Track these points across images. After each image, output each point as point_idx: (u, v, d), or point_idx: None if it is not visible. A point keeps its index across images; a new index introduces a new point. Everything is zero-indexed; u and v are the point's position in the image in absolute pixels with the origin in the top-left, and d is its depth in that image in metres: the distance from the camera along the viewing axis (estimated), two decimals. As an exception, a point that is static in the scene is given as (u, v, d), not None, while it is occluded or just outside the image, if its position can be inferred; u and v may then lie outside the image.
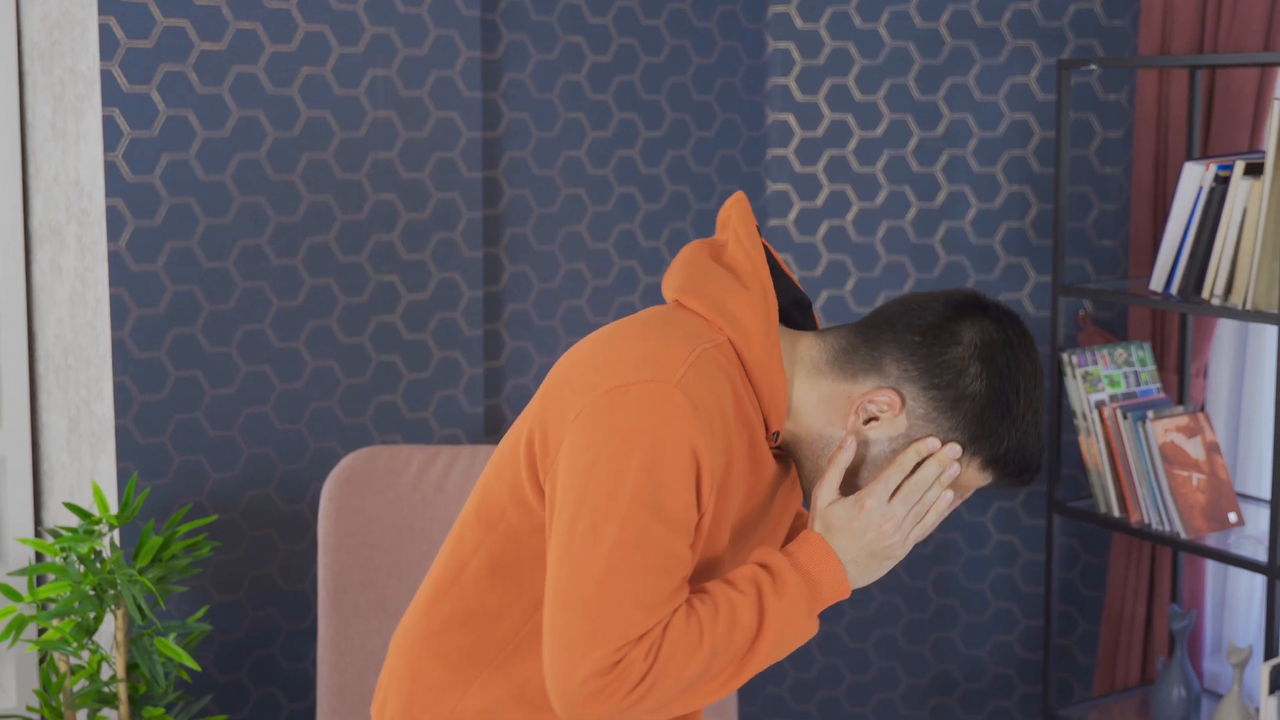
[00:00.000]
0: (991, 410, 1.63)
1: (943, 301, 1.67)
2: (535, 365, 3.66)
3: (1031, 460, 1.67)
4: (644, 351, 1.64)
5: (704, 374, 1.62)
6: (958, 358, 1.63)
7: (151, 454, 3.11)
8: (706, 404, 1.60)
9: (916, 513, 1.65)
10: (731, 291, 1.70)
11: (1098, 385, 3.07)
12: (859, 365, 1.67)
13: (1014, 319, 1.68)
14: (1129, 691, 3.36)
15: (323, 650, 2.79)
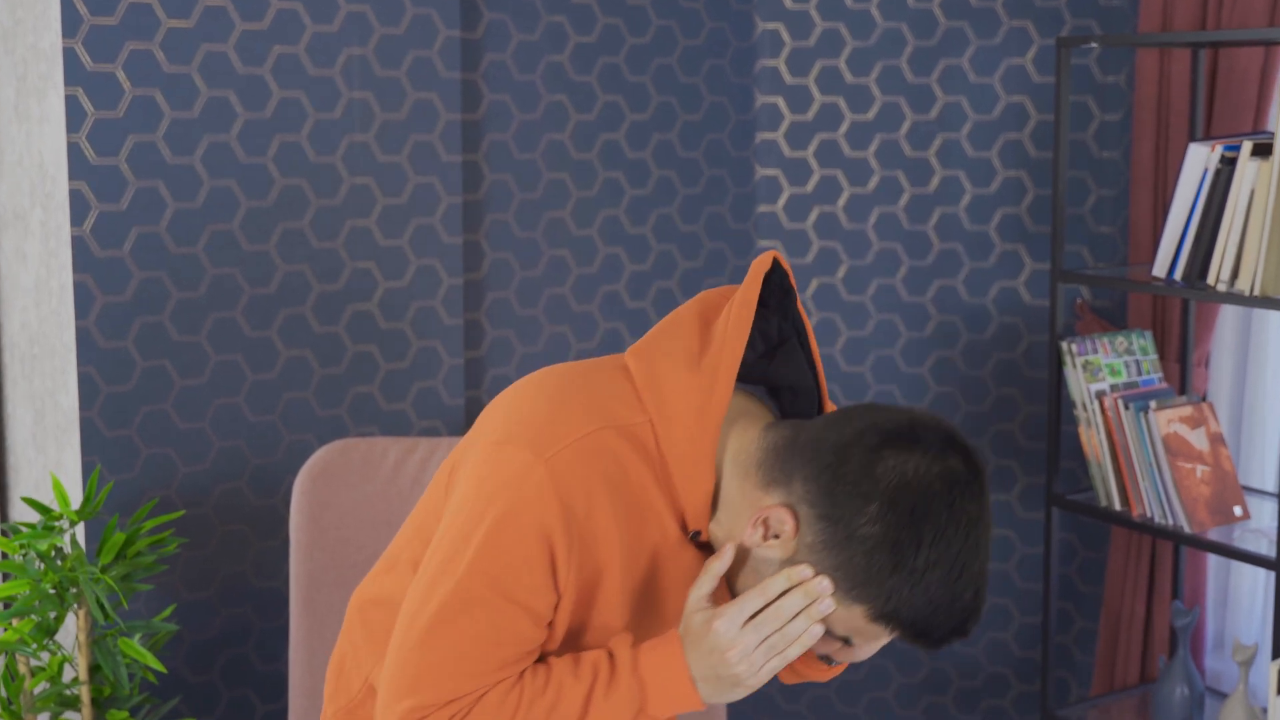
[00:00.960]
0: (881, 558, 1.45)
1: (886, 422, 1.49)
2: (517, 355, 3.55)
3: (930, 626, 1.47)
4: (542, 414, 1.55)
5: (585, 458, 1.52)
6: (861, 492, 1.46)
7: (118, 447, 3.00)
8: (572, 491, 1.51)
9: (772, 644, 1.50)
10: (678, 370, 1.56)
11: (1098, 375, 2.97)
12: (776, 474, 1.53)
13: (960, 465, 1.46)
14: (1129, 691, 3.26)
15: (295, 650, 2.69)
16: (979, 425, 3.79)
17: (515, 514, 1.51)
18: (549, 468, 1.51)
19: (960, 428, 1.54)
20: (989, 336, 3.75)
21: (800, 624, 1.49)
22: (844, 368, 3.84)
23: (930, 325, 3.79)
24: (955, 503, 1.45)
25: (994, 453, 3.79)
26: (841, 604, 1.49)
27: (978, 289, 3.75)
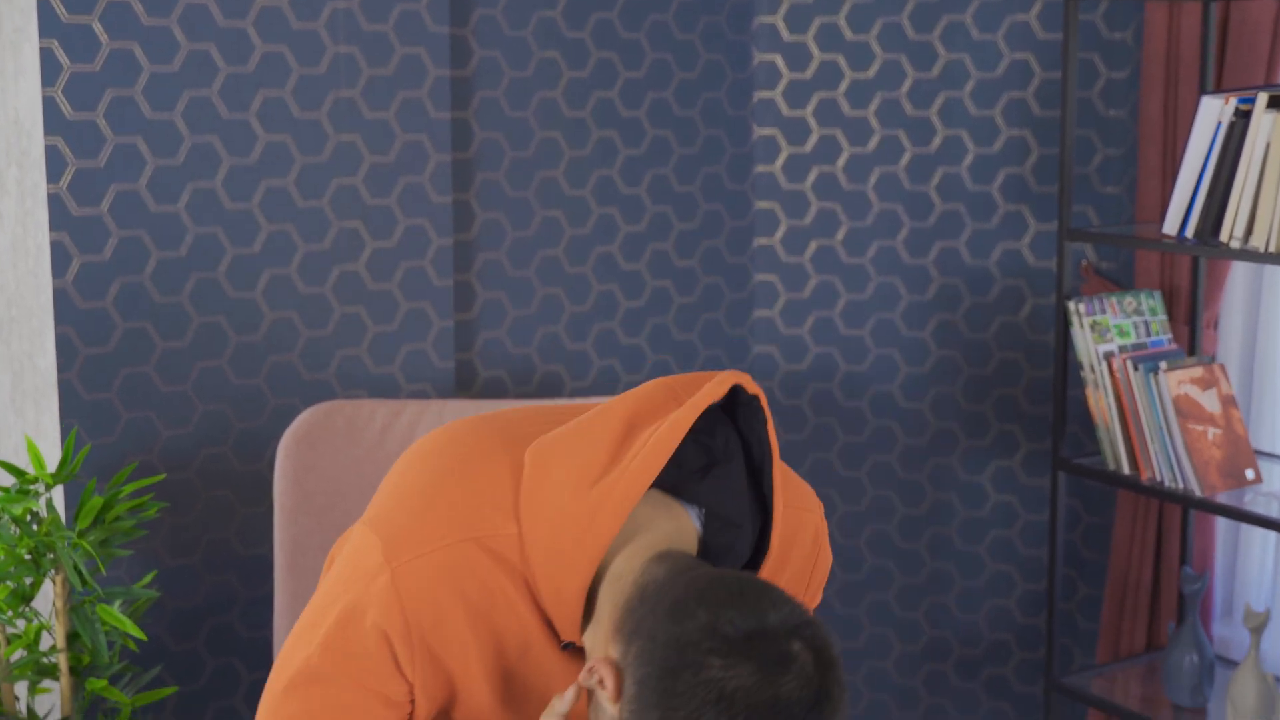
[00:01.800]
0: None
1: (730, 626, 1.32)
2: (509, 318, 3.47)
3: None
4: (410, 508, 1.48)
5: (438, 571, 1.45)
6: (677, 693, 1.32)
7: (97, 410, 2.92)
8: (418, 603, 1.45)
9: None
10: (567, 491, 1.44)
11: (1106, 335, 2.89)
12: (626, 626, 1.40)
13: (796, 689, 1.31)
14: (1134, 659, 3.19)
15: (279, 618, 2.61)
16: (981, 390, 3.71)
17: (359, 611, 1.48)
18: (395, 577, 1.46)
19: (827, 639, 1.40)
20: (992, 299, 3.67)
21: None
22: (843, 331, 3.76)
23: (932, 288, 3.71)
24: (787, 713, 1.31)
25: (997, 418, 3.71)
26: None
27: (980, 251, 3.66)
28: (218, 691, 3.11)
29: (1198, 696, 2.90)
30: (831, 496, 3.82)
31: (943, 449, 3.75)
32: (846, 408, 3.79)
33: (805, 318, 3.78)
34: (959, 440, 3.74)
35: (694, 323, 3.72)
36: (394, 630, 1.47)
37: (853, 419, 3.79)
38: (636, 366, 3.64)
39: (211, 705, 3.11)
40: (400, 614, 1.46)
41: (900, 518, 3.80)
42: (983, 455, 3.74)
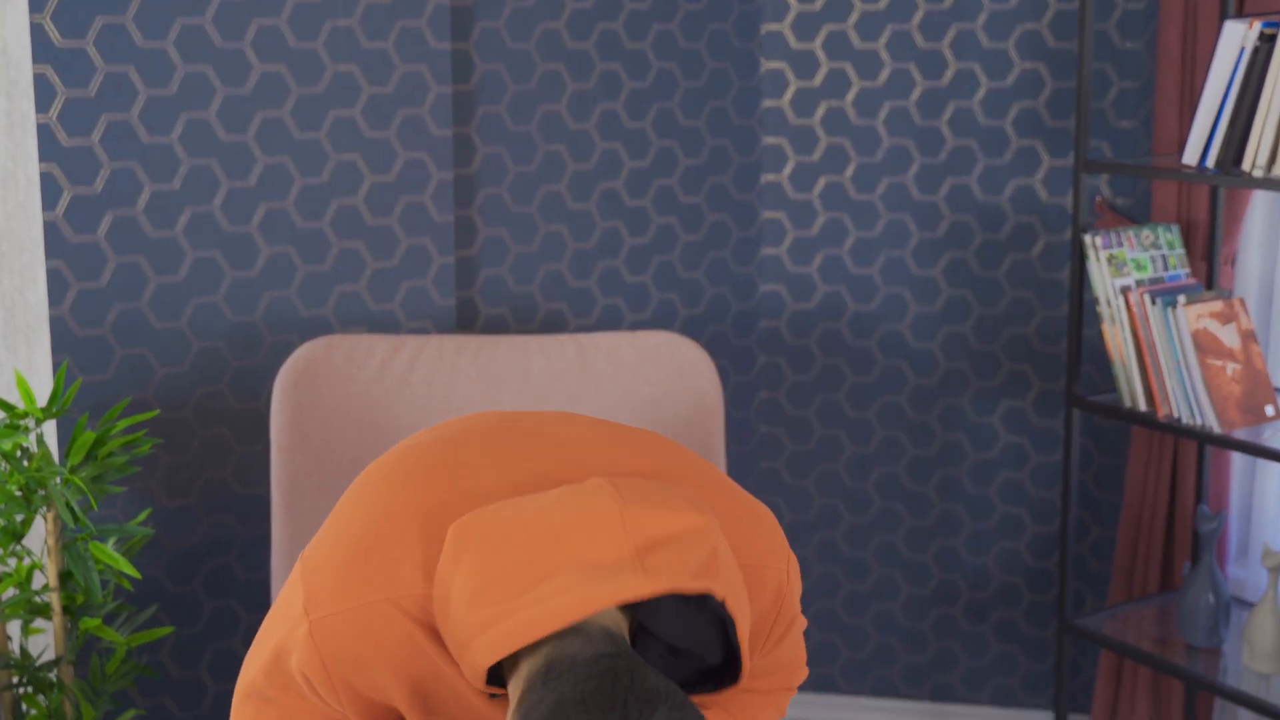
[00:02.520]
0: None
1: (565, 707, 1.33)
2: (510, 255, 3.39)
3: None
4: (338, 558, 1.51)
5: (355, 628, 1.48)
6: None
7: (90, 347, 2.85)
8: (338, 655, 1.49)
9: None
10: (466, 597, 1.42)
11: (1123, 269, 2.82)
12: (521, 699, 1.38)
13: None
14: (1147, 599, 3.13)
15: (277, 557, 2.55)
16: (992, 329, 3.64)
17: (285, 652, 1.53)
18: (312, 629, 1.50)
19: None
20: (1004, 236, 3.59)
21: None
22: (852, 269, 3.68)
23: (943, 225, 3.63)
24: None
25: (1008, 357, 3.64)
26: None
27: (993, 187, 3.58)
28: (216, 634, 3.06)
29: (1213, 637, 2.85)
30: (840, 438, 3.76)
31: (953, 389, 3.69)
32: (855, 347, 3.72)
33: (813, 256, 3.70)
34: (969, 380, 3.68)
35: (700, 261, 3.64)
36: (315, 675, 1.51)
37: (861, 359, 3.72)
38: (641, 305, 3.57)
39: (210, 647, 3.06)
40: (319, 662, 1.50)
41: (909, 459, 3.74)
42: (993, 396, 3.67)
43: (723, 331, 3.70)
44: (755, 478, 3.80)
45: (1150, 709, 3.37)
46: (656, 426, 2.63)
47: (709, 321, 3.68)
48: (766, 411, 3.79)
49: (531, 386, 2.64)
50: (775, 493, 3.81)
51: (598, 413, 2.64)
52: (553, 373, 2.66)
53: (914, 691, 3.83)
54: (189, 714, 3.05)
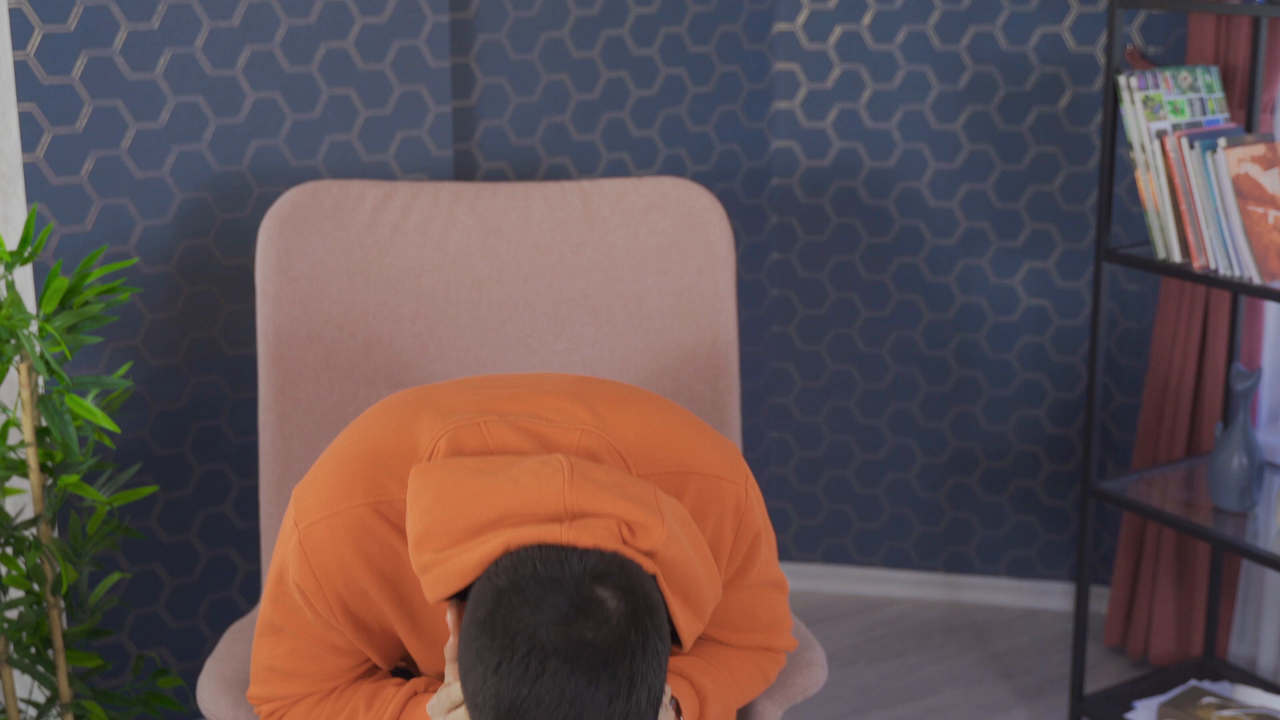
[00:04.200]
0: (473, 687, 1.44)
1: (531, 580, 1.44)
2: (511, 105, 3.23)
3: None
4: (326, 473, 1.64)
5: (337, 533, 1.60)
6: (471, 619, 1.45)
7: (67, 196, 2.71)
8: (324, 562, 1.61)
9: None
10: (413, 538, 1.54)
11: (1159, 112, 2.66)
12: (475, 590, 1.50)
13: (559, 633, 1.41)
14: (1173, 464, 3.01)
15: (264, 413, 2.43)
16: (1015, 186, 3.48)
17: (284, 569, 1.65)
18: (302, 540, 1.61)
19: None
20: (1029, 88, 3.42)
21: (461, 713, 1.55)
22: (869, 124, 3.52)
23: (964, 77, 3.46)
24: (550, 667, 1.41)
25: (1031, 216, 3.49)
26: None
27: (1017, 35, 3.40)
28: (206, 498, 2.95)
29: (1245, 500, 2.72)
30: (854, 301, 3.62)
31: (973, 250, 3.54)
32: (871, 207, 3.56)
33: (828, 110, 3.54)
34: (990, 241, 3.53)
35: (709, 114, 3.48)
36: (308, 588, 1.62)
37: (878, 219, 3.57)
38: (648, 160, 3.41)
39: (200, 512, 2.95)
40: (311, 573, 1.62)
41: (926, 323, 3.60)
42: (1015, 256, 3.52)
43: (732, 190, 3.55)
44: (765, 342, 3.66)
45: (1174, 579, 3.26)
46: (664, 278, 2.50)
47: (718, 179, 3.52)
48: (777, 273, 3.65)
49: (532, 236, 2.50)
50: (786, 360, 3.68)
51: (602, 263, 2.50)
52: (554, 221, 2.51)
53: (928, 563, 3.73)
54: (180, 579, 2.95)
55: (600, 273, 2.51)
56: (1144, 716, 2.93)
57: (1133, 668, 3.39)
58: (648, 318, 2.50)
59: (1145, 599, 3.31)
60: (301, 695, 1.74)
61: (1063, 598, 3.67)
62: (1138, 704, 2.98)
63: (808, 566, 3.79)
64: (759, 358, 3.67)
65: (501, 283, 2.50)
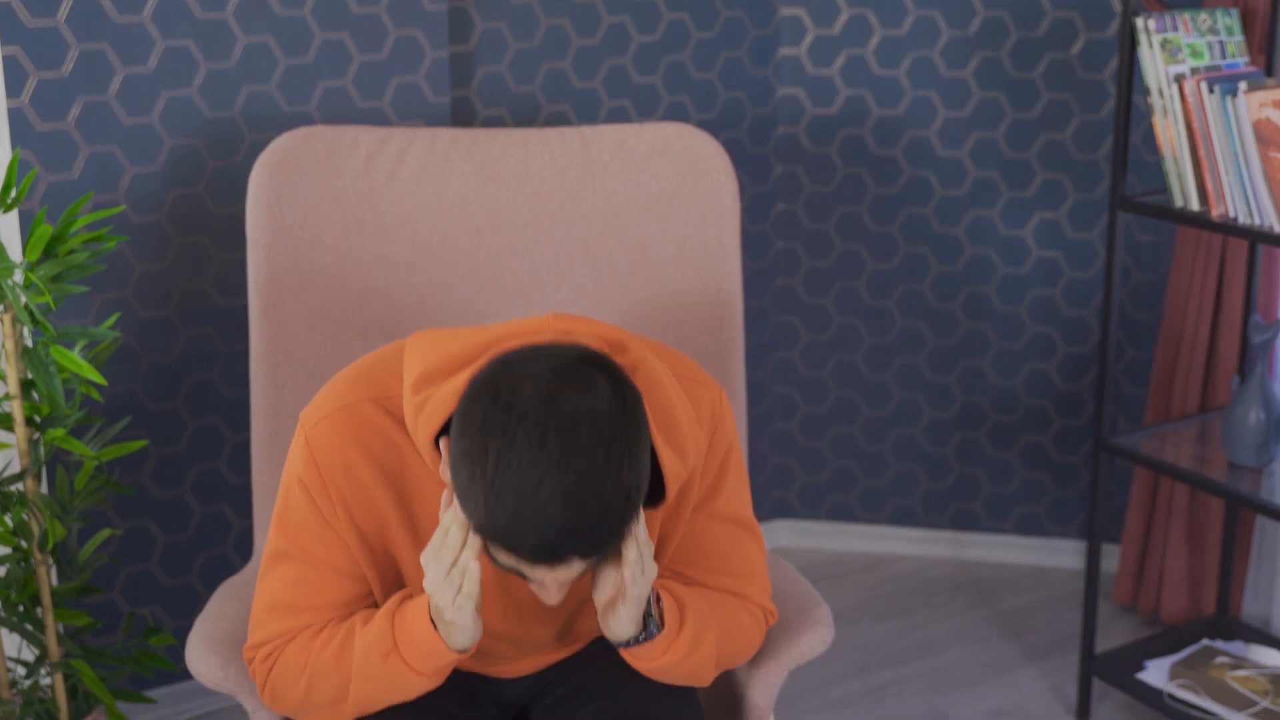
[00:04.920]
0: (464, 471, 1.47)
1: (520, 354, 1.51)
2: (510, 51, 3.15)
3: (515, 537, 1.45)
4: (327, 387, 1.71)
5: (339, 427, 1.66)
6: (460, 411, 1.50)
7: (53, 142, 2.63)
8: (328, 455, 1.66)
9: (452, 578, 1.56)
10: (411, 379, 1.63)
11: (1177, 56, 2.58)
12: None
13: (555, 385, 1.46)
14: (1186, 420, 2.95)
15: (256, 366, 2.36)
16: (1026, 135, 3.40)
17: (290, 474, 1.70)
18: (307, 436, 1.67)
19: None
20: (1041, 34, 3.34)
21: (466, 556, 1.55)
22: (877, 71, 3.43)
23: (975, 22, 3.37)
24: (530, 410, 1.44)
25: (1042, 165, 3.41)
26: (473, 530, 1.53)
27: (1029, -21, 3.32)
28: (199, 453, 2.89)
29: (1262, 455, 2.66)
30: (860, 253, 3.55)
31: (983, 200, 3.46)
32: (878, 156, 3.48)
33: (835, 56, 3.45)
34: (1000, 191, 3.45)
35: (713, 61, 3.39)
36: (312, 482, 1.67)
37: (885, 168, 3.49)
38: (650, 108, 3.33)
39: (193, 467, 2.89)
40: (315, 467, 1.66)
41: (934, 275, 3.53)
42: (1026, 207, 3.45)
43: (737, 138, 3.47)
44: (770, 295, 3.59)
45: (1186, 536, 3.20)
46: (667, 226, 2.43)
47: (723, 127, 3.44)
48: (783, 224, 3.57)
49: (531, 183, 2.43)
50: (791, 313, 3.61)
51: (603, 211, 2.43)
52: (554, 168, 2.44)
53: (935, 520, 3.67)
54: (173, 536, 2.89)
55: (601, 220, 2.44)
56: (1156, 676, 2.88)
57: (1143, 626, 3.34)
58: (649, 267, 2.43)
59: (1157, 556, 3.26)
60: (299, 630, 1.72)
61: (1072, 555, 3.61)
62: (1149, 663, 2.93)
63: (812, 524, 3.74)
64: (764, 310, 3.60)
65: (500, 231, 2.43)
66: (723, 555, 1.79)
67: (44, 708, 2.46)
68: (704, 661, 1.74)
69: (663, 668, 1.71)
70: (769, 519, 3.74)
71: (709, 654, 1.74)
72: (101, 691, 2.41)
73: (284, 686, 1.73)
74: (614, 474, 1.44)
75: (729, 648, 1.79)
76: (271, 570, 1.73)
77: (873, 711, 3.01)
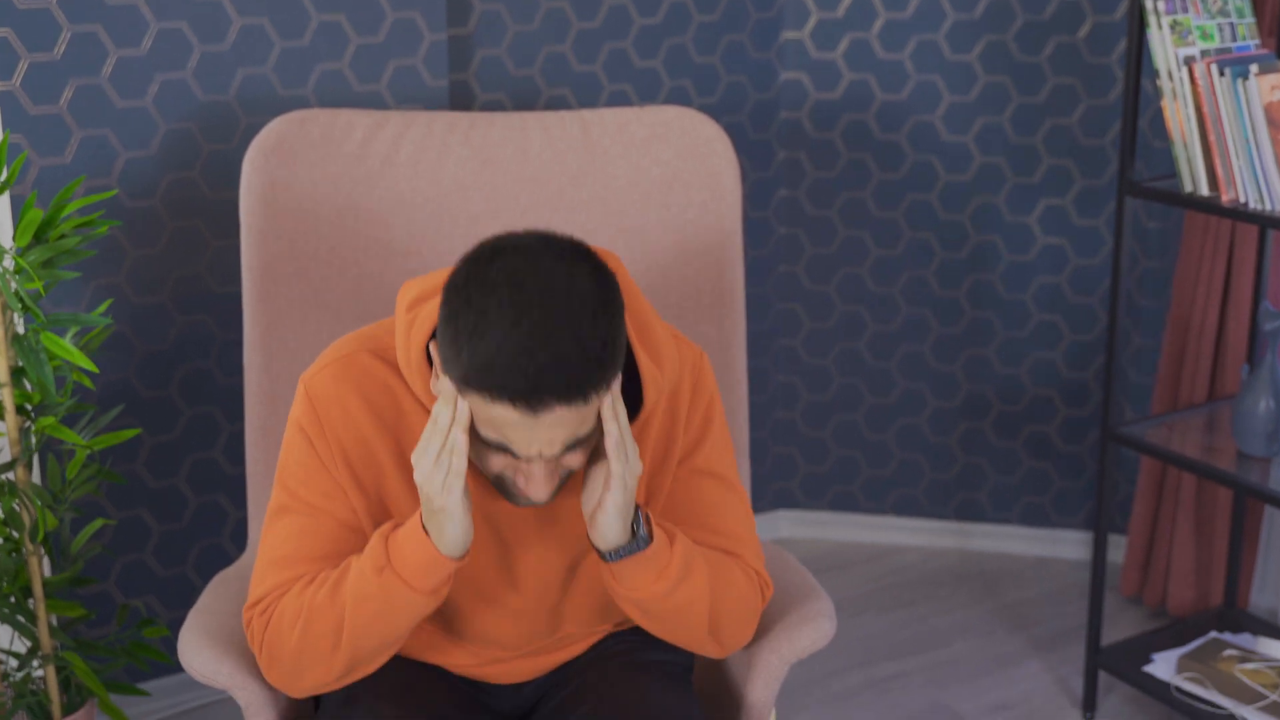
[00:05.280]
0: (449, 330, 1.54)
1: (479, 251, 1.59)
2: (509, 34, 3.11)
3: (500, 381, 1.50)
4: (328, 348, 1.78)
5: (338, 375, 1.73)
6: (446, 290, 1.57)
7: (46, 126, 2.59)
8: (326, 401, 1.72)
9: (442, 460, 1.59)
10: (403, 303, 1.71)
11: (1187, 38, 2.53)
12: None
13: (530, 240, 1.55)
14: (1194, 409, 2.91)
15: (249, 354, 2.32)
16: (1032, 120, 3.35)
17: (291, 429, 1.75)
18: (306, 386, 1.74)
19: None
20: (1047, 17, 3.29)
21: (455, 433, 1.58)
22: (881, 54, 3.39)
23: (980, 5, 3.33)
24: (511, 266, 1.52)
25: (1049, 151, 3.37)
26: (459, 395, 1.56)
27: (1036, -38, 3.27)
28: (194, 442, 2.85)
29: (1272, 445, 2.62)
30: (864, 239, 3.50)
31: (988, 186, 3.42)
32: (882, 141, 3.44)
33: (838, 40, 3.41)
34: (1006, 176, 3.41)
35: (715, 44, 3.35)
36: (310, 426, 1.72)
37: (889, 154, 3.44)
38: (651, 92, 3.29)
39: (188, 456, 2.85)
40: (313, 412, 1.72)
41: (939, 262, 3.48)
42: (1032, 193, 3.40)
43: (739, 123, 3.42)
44: (772, 282, 3.55)
45: (1193, 527, 3.16)
46: (667, 211, 2.38)
47: (724, 112, 3.40)
48: (785, 211, 3.53)
49: (529, 168, 2.39)
50: (794, 300, 3.57)
51: (602, 196, 2.39)
52: (553, 152, 2.40)
53: (939, 510, 3.64)
54: (168, 526, 2.86)
55: (600, 206, 2.40)
56: (1163, 669, 2.84)
57: (1150, 618, 3.30)
58: (650, 253, 2.39)
59: (1163, 547, 3.22)
60: (295, 580, 1.72)
61: (1077, 546, 3.58)
62: (1156, 656, 2.89)
63: (814, 514, 3.70)
64: (766, 298, 3.56)
65: (498, 217, 2.39)
66: (712, 512, 1.80)
67: (36, 700, 2.43)
68: (696, 599, 1.71)
69: (653, 598, 1.68)
70: (771, 509, 3.70)
71: (701, 592, 1.71)
72: (94, 684, 2.38)
73: (278, 639, 1.71)
74: (591, 319, 1.50)
75: (723, 602, 1.75)
76: (271, 527, 1.74)
77: (875, 704, 2.98)
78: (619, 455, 1.58)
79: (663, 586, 1.67)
